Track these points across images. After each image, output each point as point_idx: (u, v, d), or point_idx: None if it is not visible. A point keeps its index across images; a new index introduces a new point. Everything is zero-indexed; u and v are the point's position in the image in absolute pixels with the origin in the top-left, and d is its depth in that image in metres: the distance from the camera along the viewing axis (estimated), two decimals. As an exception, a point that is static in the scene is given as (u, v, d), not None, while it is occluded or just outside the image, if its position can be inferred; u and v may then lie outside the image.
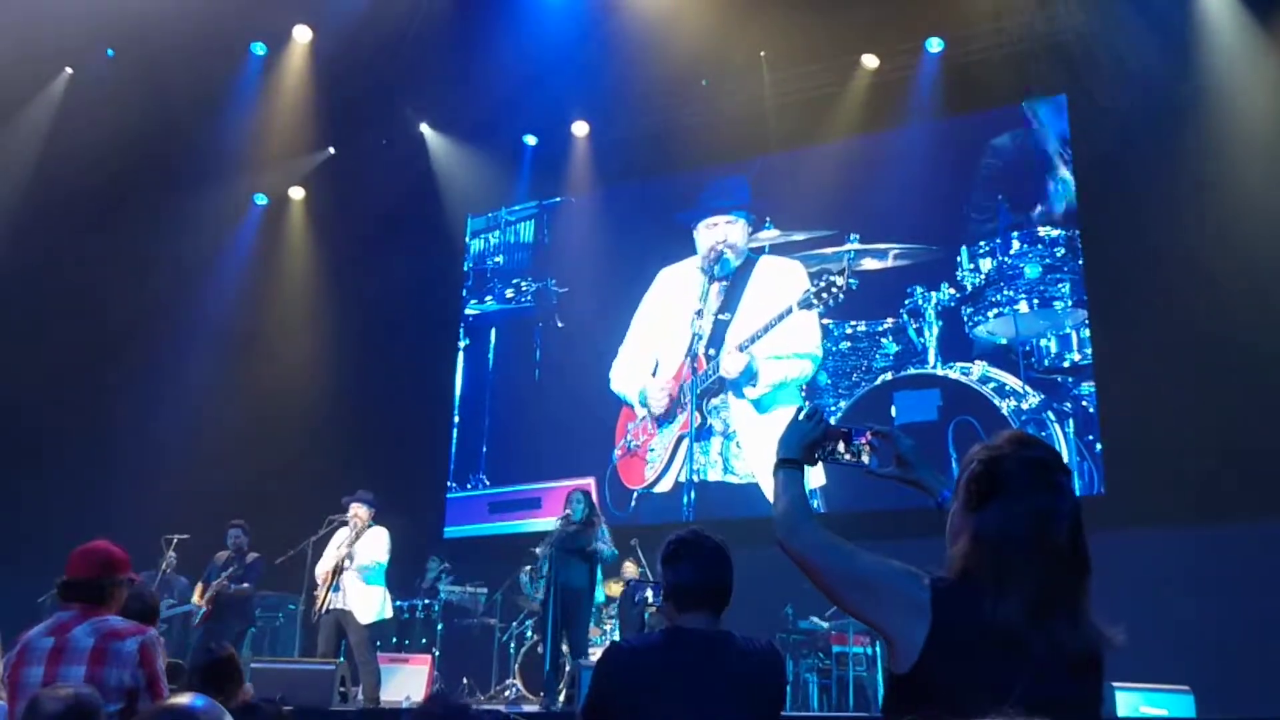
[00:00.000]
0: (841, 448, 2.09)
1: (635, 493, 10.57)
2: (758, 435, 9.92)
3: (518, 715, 6.90)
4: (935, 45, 9.96)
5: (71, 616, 3.38)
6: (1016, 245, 9.49)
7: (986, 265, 9.57)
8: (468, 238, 12.60)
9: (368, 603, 7.58)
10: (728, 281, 10.53)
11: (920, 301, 9.72)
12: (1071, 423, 8.91)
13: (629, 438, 10.78)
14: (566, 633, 7.76)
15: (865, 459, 2.10)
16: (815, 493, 9.49)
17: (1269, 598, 7.25)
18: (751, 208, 10.72)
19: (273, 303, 12.18)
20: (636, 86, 10.78)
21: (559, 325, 11.73)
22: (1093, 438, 8.79)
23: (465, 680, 9.24)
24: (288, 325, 12.04)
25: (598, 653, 6.85)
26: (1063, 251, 9.28)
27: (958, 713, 1.56)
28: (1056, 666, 1.64)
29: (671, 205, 11.21)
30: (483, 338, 12.27)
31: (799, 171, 10.65)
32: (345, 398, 11.51)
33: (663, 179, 11.48)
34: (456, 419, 12.08)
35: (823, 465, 2.11)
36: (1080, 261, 9.19)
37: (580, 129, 11.59)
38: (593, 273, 11.48)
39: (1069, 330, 9.13)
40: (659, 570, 2.83)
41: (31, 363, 10.40)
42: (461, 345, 12.32)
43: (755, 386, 10.09)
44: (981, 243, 9.63)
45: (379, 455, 10.92)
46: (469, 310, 12.40)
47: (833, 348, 10.03)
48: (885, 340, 9.84)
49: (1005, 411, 9.15)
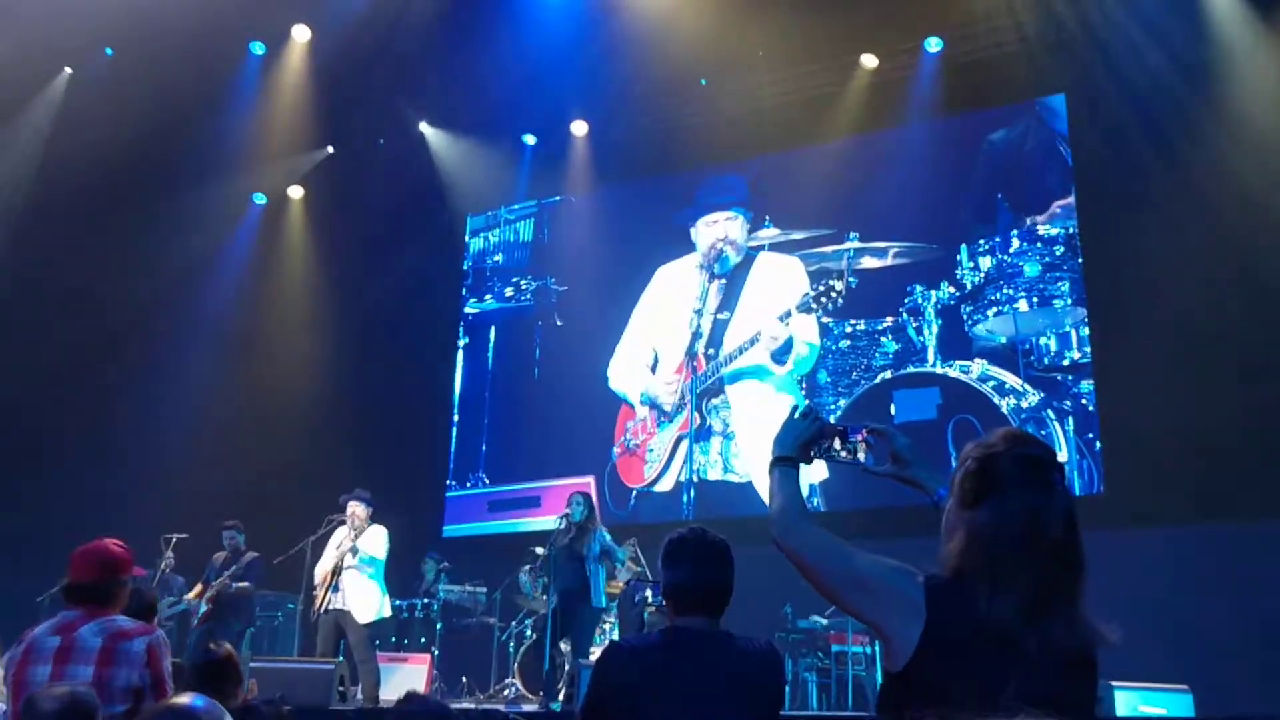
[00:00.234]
0: (837, 445, 2.08)
1: (635, 491, 10.56)
2: (757, 434, 9.91)
3: (517, 715, 6.89)
4: (934, 45, 9.96)
5: (77, 616, 3.36)
6: (1016, 244, 9.48)
7: (986, 264, 9.56)
8: (467, 236, 12.60)
9: (366, 602, 7.58)
10: (727, 279, 10.52)
11: (920, 300, 9.71)
12: (1071, 421, 8.90)
13: (628, 436, 10.78)
14: (567, 634, 7.78)
15: (861, 457, 2.09)
16: (815, 489, 9.49)
17: (1268, 597, 7.25)
18: (749, 204, 10.72)
19: (272, 302, 12.17)
20: (636, 86, 10.80)
21: (558, 324, 11.73)
22: (1092, 436, 8.78)
23: (464, 680, 9.24)
24: (287, 324, 12.04)
25: (597, 652, 6.86)
26: (1062, 250, 9.27)
27: (953, 711, 1.56)
28: (1051, 665, 1.64)
29: (670, 204, 11.20)
30: (482, 336, 12.27)
31: (798, 171, 10.63)
32: (345, 397, 11.51)
33: (662, 178, 11.48)
34: (456, 418, 12.09)
35: (824, 461, 2.11)
36: (1080, 260, 9.18)
37: (579, 128, 11.58)
38: (592, 271, 11.48)
39: (1068, 328, 9.12)
40: (659, 569, 2.82)
41: (31, 362, 10.39)
42: (461, 344, 12.33)
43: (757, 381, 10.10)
44: (981, 241, 9.62)
45: (378, 454, 10.92)
46: (468, 309, 12.41)
47: (832, 346, 10.02)
48: (885, 339, 9.83)
49: (1005, 410, 9.14)
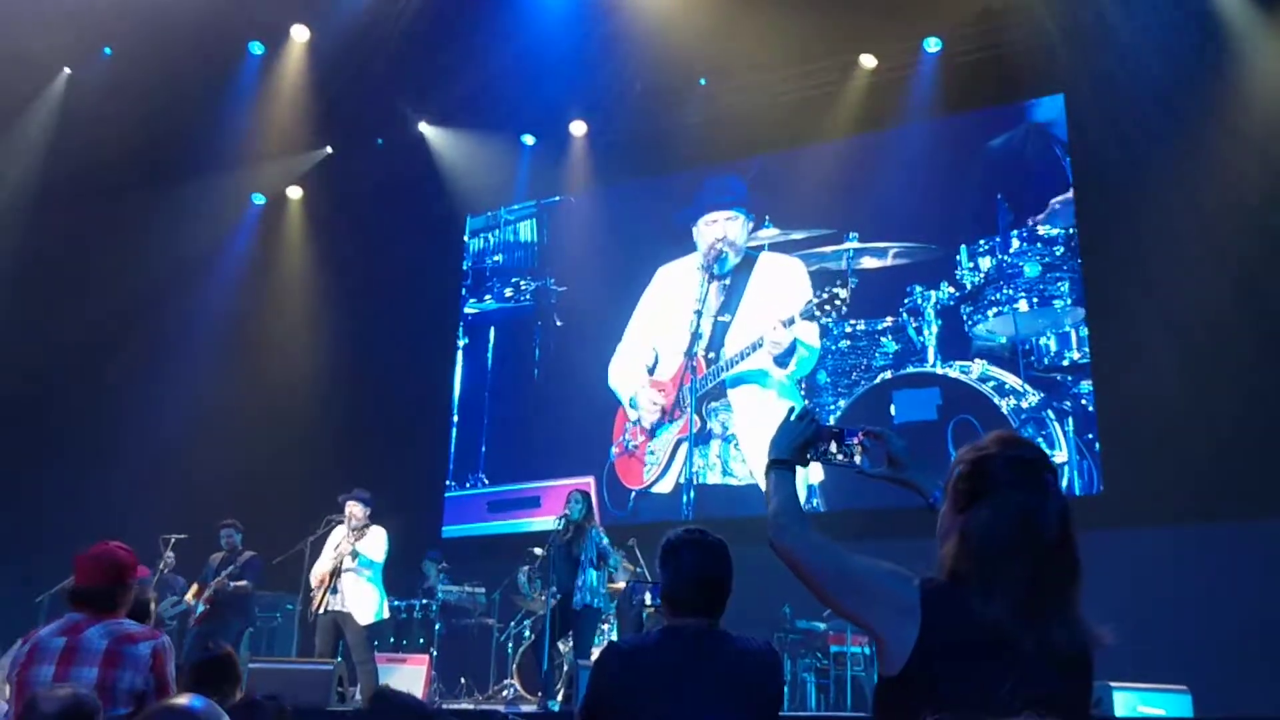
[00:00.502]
0: (834, 448, 2.08)
1: (634, 492, 10.55)
2: (757, 437, 9.90)
3: (515, 715, 6.89)
4: (933, 45, 9.95)
5: (84, 618, 3.38)
6: (1016, 244, 9.47)
7: (986, 264, 9.54)
8: (467, 237, 12.59)
9: (365, 604, 7.57)
10: (728, 280, 10.51)
11: (920, 300, 9.69)
12: (1071, 421, 8.89)
13: (626, 437, 10.76)
14: (566, 634, 7.78)
15: (857, 459, 2.09)
16: (814, 490, 9.49)
17: (1267, 597, 7.25)
18: (749, 204, 10.70)
19: (271, 302, 12.17)
20: (635, 86, 10.79)
21: (558, 324, 11.72)
22: (1092, 436, 8.77)
23: (463, 680, 9.23)
24: (286, 325, 12.03)
25: (596, 653, 6.85)
26: (1062, 250, 9.26)
27: (949, 713, 1.56)
28: (1046, 666, 1.64)
29: (670, 204, 11.18)
30: (482, 337, 12.26)
31: (798, 170, 10.62)
32: (344, 397, 11.50)
33: (661, 178, 11.47)
34: (455, 418, 12.08)
35: (820, 463, 2.10)
36: (1079, 260, 9.17)
37: (578, 128, 11.57)
38: (591, 272, 11.46)
39: (1068, 329, 9.10)
40: (657, 570, 2.82)
41: (30, 362, 10.40)
42: (460, 344, 12.32)
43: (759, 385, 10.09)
44: (981, 241, 9.60)
45: (378, 454, 10.91)
46: (468, 309, 12.40)
47: (832, 346, 10.01)
48: (884, 339, 9.81)
49: (1005, 410, 9.13)
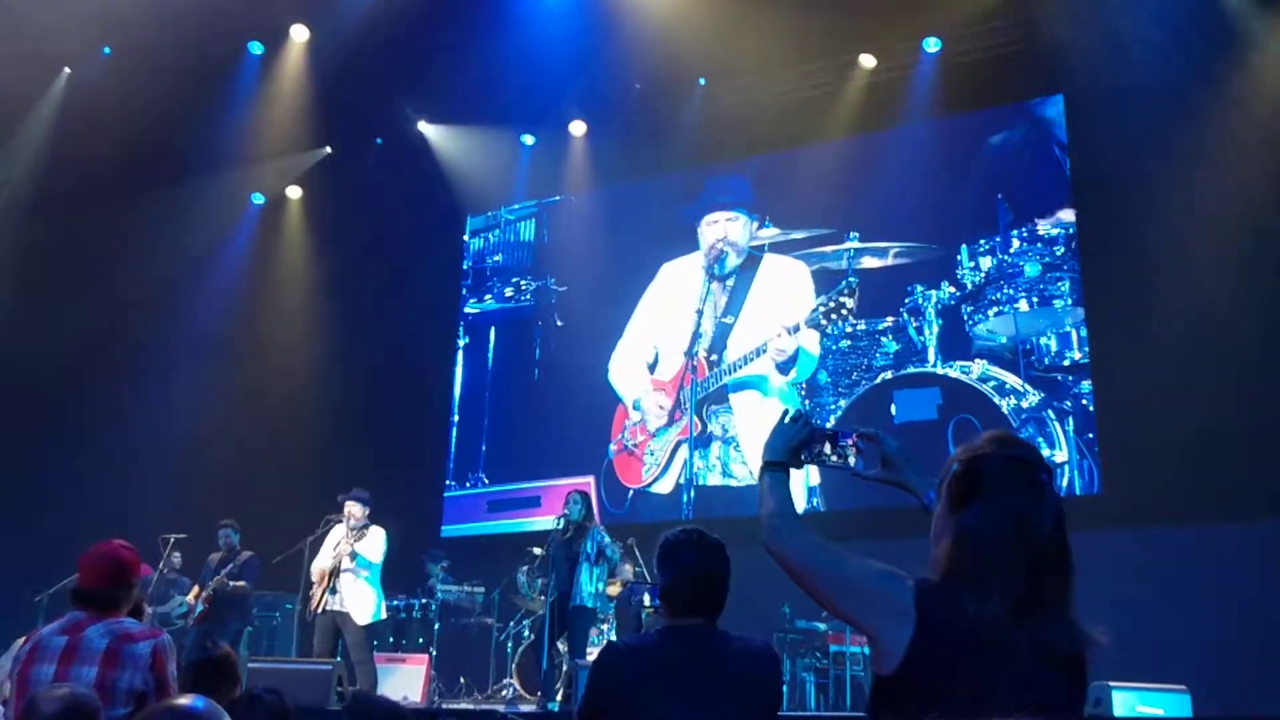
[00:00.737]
0: (827, 449, 2.08)
1: (631, 491, 10.55)
2: (757, 440, 9.86)
3: (515, 715, 6.89)
4: (933, 45, 9.94)
5: (85, 617, 3.38)
6: (1016, 244, 9.46)
7: (986, 264, 9.54)
8: (467, 236, 12.59)
9: (363, 604, 7.57)
10: (730, 281, 10.50)
11: (920, 300, 9.69)
12: (1071, 421, 8.89)
13: (625, 435, 10.75)
14: (565, 634, 7.78)
15: (851, 461, 2.09)
16: (814, 490, 9.49)
17: (1266, 597, 7.25)
18: (753, 206, 10.70)
19: (270, 301, 12.16)
20: (634, 86, 10.79)
21: (558, 324, 11.71)
22: (1093, 436, 8.77)
23: (462, 680, 9.23)
24: (285, 324, 12.02)
25: (595, 653, 6.85)
26: (1062, 250, 9.26)
27: (943, 713, 1.56)
28: (1040, 666, 1.63)
29: (673, 201, 11.19)
30: (482, 336, 12.26)
31: (798, 170, 10.61)
32: (344, 396, 11.49)
33: (661, 179, 11.47)
34: (456, 418, 12.08)
35: (814, 465, 2.10)
36: (1079, 260, 9.17)
37: (578, 128, 11.57)
38: (592, 271, 11.46)
39: (1069, 328, 9.10)
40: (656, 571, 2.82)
41: (29, 361, 10.40)
42: (461, 344, 12.32)
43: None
44: (981, 241, 9.60)
45: (378, 454, 10.91)
46: (468, 309, 12.40)
47: (832, 346, 10.00)
48: (885, 339, 9.81)
49: (1005, 410, 9.12)
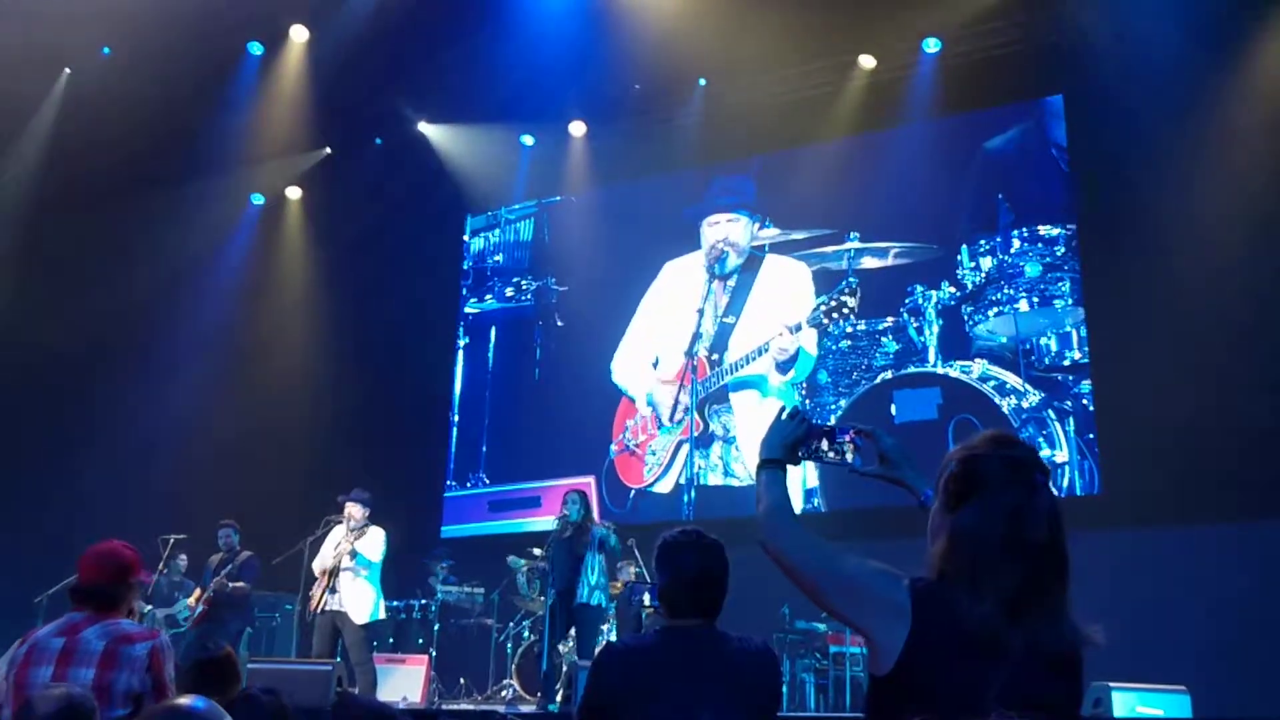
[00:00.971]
0: (825, 446, 2.08)
1: (633, 491, 10.55)
2: (757, 439, 9.85)
3: (514, 715, 6.89)
4: (933, 45, 9.93)
5: (83, 618, 3.37)
6: (1016, 244, 9.46)
7: (987, 264, 9.54)
8: (467, 236, 12.59)
9: (362, 604, 7.56)
10: (732, 281, 10.50)
11: (920, 300, 9.69)
12: (1072, 421, 8.88)
13: (627, 435, 10.75)
14: (570, 634, 7.77)
15: (849, 457, 2.09)
16: (814, 490, 9.49)
17: (1266, 598, 7.25)
18: (755, 207, 10.70)
19: (270, 302, 12.16)
20: (634, 86, 10.79)
21: (559, 324, 11.71)
22: (1093, 436, 8.76)
23: (462, 680, 9.23)
24: (286, 324, 12.02)
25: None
26: (1063, 250, 9.25)
27: (939, 714, 1.55)
28: (1036, 666, 1.63)
29: (674, 202, 11.19)
30: (482, 336, 12.26)
31: (798, 170, 10.62)
32: (344, 397, 11.49)
33: (663, 178, 11.47)
34: (456, 418, 12.08)
35: (811, 462, 2.10)
36: (1080, 260, 9.16)
37: (577, 129, 11.57)
38: (592, 271, 11.46)
39: (1069, 329, 9.10)
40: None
41: (28, 362, 10.39)
42: (461, 344, 12.32)
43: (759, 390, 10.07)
44: (982, 241, 9.60)
45: (378, 454, 10.92)
46: (468, 309, 12.40)
47: (832, 346, 10.00)
48: (885, 339, 9.81)
49: (1005, 410, 9.12)
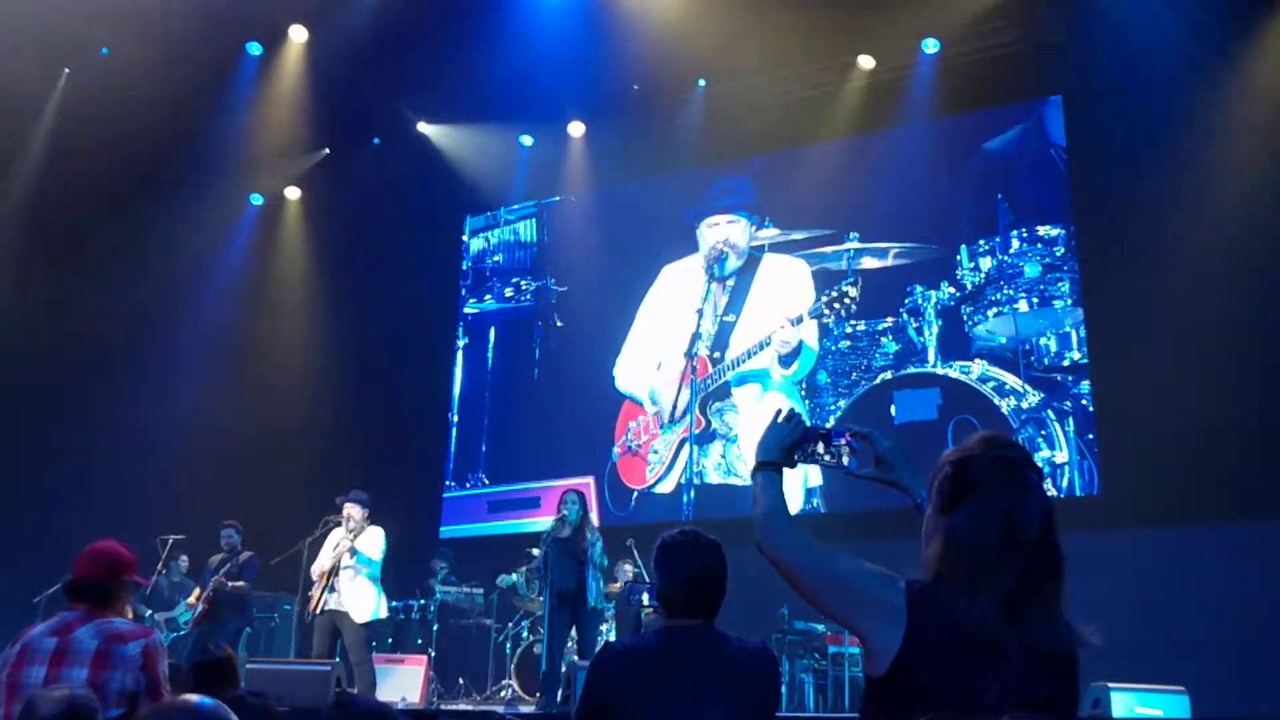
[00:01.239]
0: (821, 449, 2.08)
1: (636, 492, 10.55)
2: (757, 437, 9.85)
3: (513, 716, 6.89)
4: (932, 46, 9.93)
5: (76, 617, 3.38)
6: (1016, 244, 9.46)
7: (986, 264, 9.54)
8: (466, 237, 12.59)
9: (363, 603, 7.56)
10: (732, 281, 10.51)
11: (920, 300, 9.69)
12: (1071, 421, 8.88)
13: (629, 436, 10.75)
14: (571, 636, 7.80)
15: (845, 460, 2.09)
16: (814, 491, 9.48)
17: (1265, 598, 7.25)
18: (754, 208, 10.70)
19: (270, 302, 12.16)
20: (633, 86, 10.79)
21: (558, 324, 11.71)
22: (1092, 436, 8.76)
23: (461, 681, 9.24)
24: (285, 324, 12.02)
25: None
26: (1062, 250, 9.25)
27: (935, 714, 1.55)
28: (1031, 666, 1.63)
29: (673, 202, 11.19)
30: (482, 337, 12.26)
31: (797, 171, 10.62)
32: (343, 397, 11.49)
33: (662, 179, 11.47)
34: (455, 418, 12.07)
35: (807, 464, 2.10)
36: (1079, 260, 9.17)
37: (576, 129, 11.57)
38: (592, 272, 11.46)
39: (1069, 329, 9.10)
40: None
41: (27, 363, 10.39)
42: (460, 344, 12.32)
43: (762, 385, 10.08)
44: (981, 241, 9.60)
45: (377, 455, 10.92)
46: (468, 309, 12.40)
47: (832, 347, 10.00)
48: (885, 339, 9.81)
49: (1005, 410, 9.12)
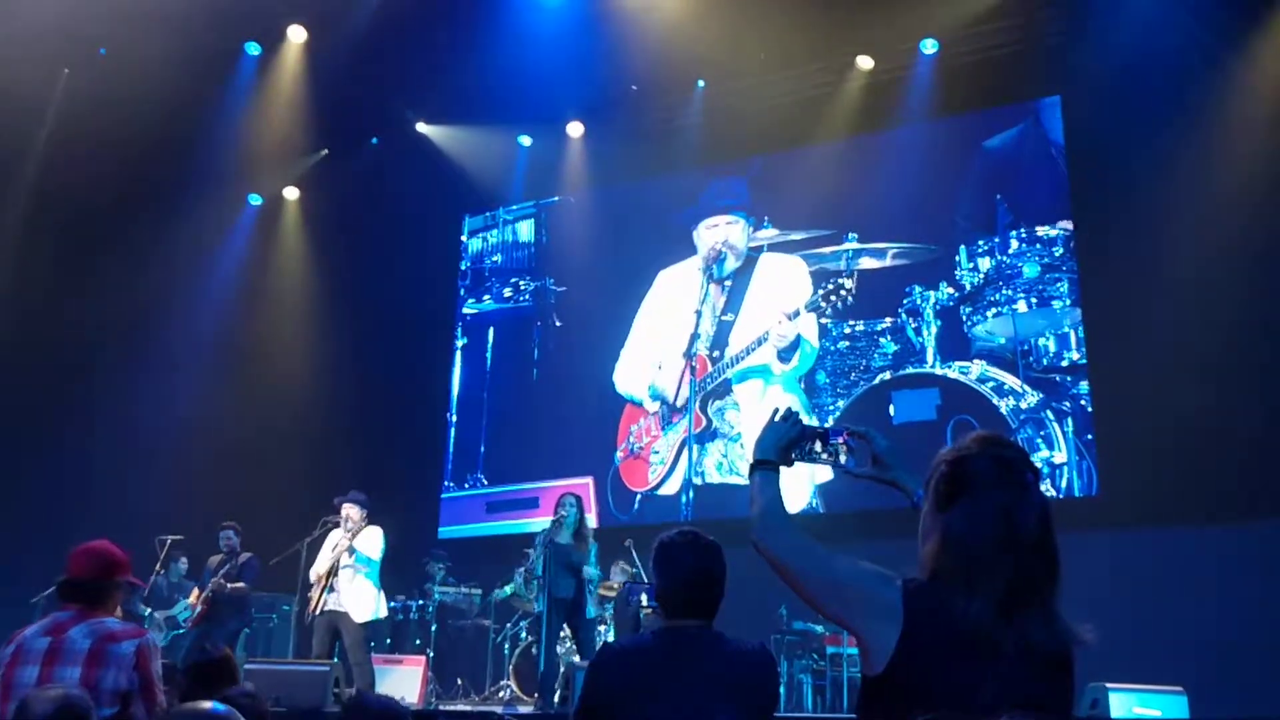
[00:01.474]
0: (818, 448, 2.08)
1: (639, 495, 10.55)
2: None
3: (512, 716, 6.89)
4: (930, 46, 9.93)
5: (69, 617, 3.38)
6: (1015, 244, 9.47)
7: (985, 264, 9.54)
8: (465, 237, 12.59)
9: (362, 602, 7.57)
10: (729, 281, 10.51)
11: (919, 301, 9.69)
12: (1070, 422, 8.88)
13: (631, 439, 10.75)
14: (571, 638, 7.79)
15: (842, 459, 2.10)
16: (816, 489, 9.49)
17: (1263, 598, 7.25)
18: (751, 209, 10.70)
19: (268, 302, 12.14)
20: (632, 87, 10.79)
21: (557, 324, 11.72)
22: (1091, 437, 8.77)
23: (459, 681, 9.24)
24: (284, 325, 12.01)
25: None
26: (1061, 251, 9.26)
27: (931, 714, 1.55)
28: (1027, 665, 1.64)
29: (670, 205, 11.19)
30: (480, 337, 12.26)
31: (796, 171, 10.62)
32: (342, 397, 11.49)
33: (661, 179, 11.47)
34: (454, 418, 12.07)
35: (804, 463, 2.10)
36: (1077, 261, 9.17)
37: (575, 130, 11.57)
38: (591, 272, 11.47)
39: (1067, 329, 9.10)
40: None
41: (26, 364, 10.38)
42: (459, 344, 12.32)
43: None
44: (980, 242, 9.61)
45: (376, 455, 10.93)
46: (466, 309, 12.40)
47: (831, 347, 10.01)
48: (884, 339, 9.81)
49: (1004, 411, 9.12)
